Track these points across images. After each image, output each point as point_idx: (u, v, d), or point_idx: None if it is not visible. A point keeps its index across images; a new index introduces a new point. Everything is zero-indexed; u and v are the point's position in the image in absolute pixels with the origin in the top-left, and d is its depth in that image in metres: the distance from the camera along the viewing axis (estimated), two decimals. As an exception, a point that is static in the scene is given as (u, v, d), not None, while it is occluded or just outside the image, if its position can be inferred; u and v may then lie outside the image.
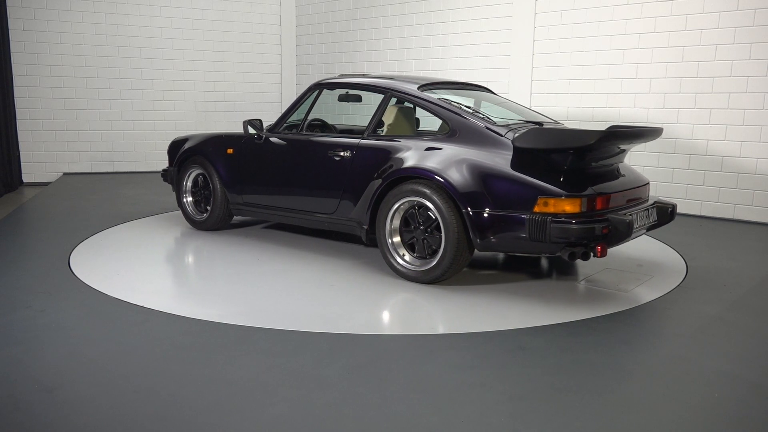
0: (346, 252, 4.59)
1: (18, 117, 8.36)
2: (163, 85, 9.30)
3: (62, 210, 6.24)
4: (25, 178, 8.53)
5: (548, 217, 3.33)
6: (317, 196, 4.39)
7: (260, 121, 4.85)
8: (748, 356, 2.85)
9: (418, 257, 3.86)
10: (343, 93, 5.07)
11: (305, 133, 4.64)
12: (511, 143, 3.59)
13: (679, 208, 6.18)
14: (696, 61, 6.04)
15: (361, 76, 4.69)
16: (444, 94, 4.29)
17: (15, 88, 8.31)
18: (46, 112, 8.62)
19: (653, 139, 3.94)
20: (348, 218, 4.22)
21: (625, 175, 3.91)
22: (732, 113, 5.90)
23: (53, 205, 6.57)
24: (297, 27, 10.04)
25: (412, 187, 3.76)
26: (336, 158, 4.26)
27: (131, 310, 3.31)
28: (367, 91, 4.66)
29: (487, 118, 3.95)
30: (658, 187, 6.37)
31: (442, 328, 3.19)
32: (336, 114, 8.42)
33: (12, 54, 8.21)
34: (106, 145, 9.06)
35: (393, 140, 4.08)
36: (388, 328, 3.26)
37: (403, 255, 3.91)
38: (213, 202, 5.08)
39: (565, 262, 4.31)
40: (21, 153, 8.41)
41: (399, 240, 3.94)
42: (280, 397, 2.36)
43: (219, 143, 5.08)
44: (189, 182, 5.31)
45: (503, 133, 3.71)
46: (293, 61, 10.14)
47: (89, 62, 8.79)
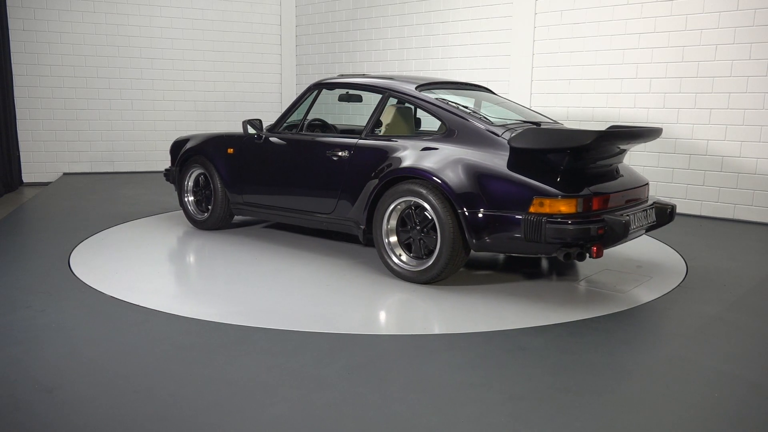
0: (345, 252, 4.59)
1: (18, 117, 8.36)
2: (163, 85, 9.30)
3: (62, 210, 6.24)
4: (25, 178, 8.53)
5: (543, 218, 3.32)
6: (316, 196, 4.39)
7: (260, 121, 4.86)
8: (748, 356, 2.85)
9: (415, 257, 3.85)
10: (343, 93, 5.07)
11: (304, 133, 4.65)
12: (507, 143, 3.59)
13: (679, 208, 6.18)
14: (696, 61, 6.04)
15: (361, 76, 4.69)
16: (443, 95, 4.29)
17: (15, 88, 8.30)
18: (46, 112, 8.62)
19: (652, 140, 3.93)
20: (346, 218, 4.22)
21: (624, 175, 3.89)
22: (732, 113, 5.90)
23: (53, 205, 6.57)
24: (297, 27, 10.04)
25: (409, 187, 3.76)
26: (334, 158, 4.26)
27: (131, 310, 3.31)
28: (365, 91, 4.67)
29: (485, 118, 3.94)
30: (658, 187, 6.37)
31: (441, 328, 3.19)
32: (336, 114, 8.42)
33: (12, 54, 8.21)
34: (106, 145, 9.06)
35: (390, 140, 4.08)
36: (388, 328, 3.26)
37: (400, 255, 3.91)
38: (214, 201, 5.09)
39: (564, 262, 4.30)
40: (21, 153, 8.41)
41: (396, 240, 3.93)
42: (280, 397, 2.36)
43: (220, 143, 5.09)
44: (190, 182, 5.33)
45: (500, 133, 3.70)
46: (293, 61, 10.14)
47: (89, 62, 8.79)
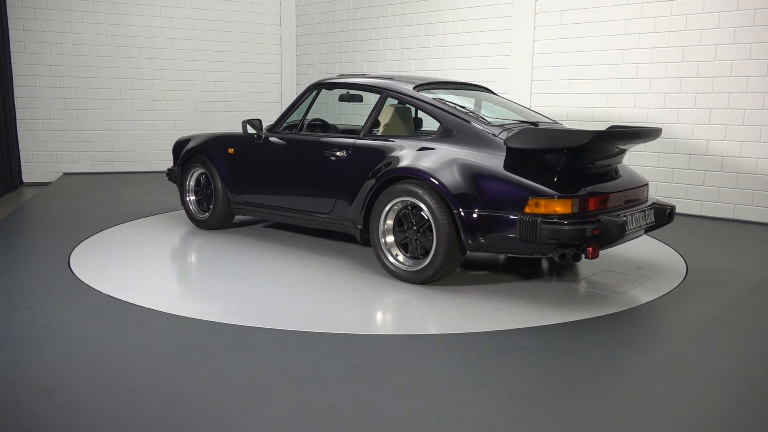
0: (345, 252, 4.59)
1: (18, 117, 8.36)
2: (163, 85, 9.30)
3: (62, 210, 6.24)
4: (25, 178, 8.53)
5: (539, 218, 3.31)
6: (314, 196, 4.39)
7: (260, 120, 4.87)
8: (748, 356, 2.85)
9: (411, 257, 3.85)
10: (342, 93, 5.08)
11: (303, 132, 4.65)
12: (504, 144, 3.58)
13: (679, 208, 6.19)
14: (696, 61, 6.04)
15: (360, 76, 4.69)
16: (442, 95, 4.29)
17: (15, 88, 8.31)
18: (46, 112, 8.62)
19: (651, 140, 3.91)
20: (344, 218, 4.22)
21: (623, 176, 3.88)
22: (732, 113, 5.90)
23: (53, 205, 6.57)
24: (297, 27, 10.05)
25: (405, 187, 3.76)
26: (332, 158, 4.26)
27: (131, 310, 3.31)
28: (364, 91, 4.67)
29: (482, 118, 3.94)
30: (658, 187, 6.37)
31: (441, 329, 3.19)
32: (336, 114, 8.43)
33: (12, 54, 8.21)
34: (106, 145, 9.06)
35: (388, 140, 4.08)
36: (388, 329, 3.26)
37: (396, 255, 3.91)
38: (214, 201, 5.11)
39: (563, 264, 4.29)
40: (21, 153, 8.41)
41: (392, 240, 3.93)
42: (280, 397, 2.36)
43: (220, 143, 5.10)
44: (192, 181, 5.36)
45: (497, 133, 3.69)
46: (293, 61, 10.14)
47: (89, 62, 8.79)
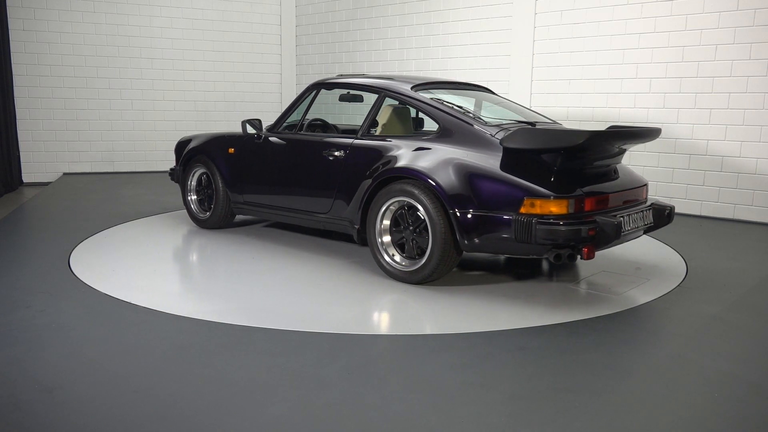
0: (344, 251, 4.59)
1: (18, 117, 8.36)
2: (163, 85, 9.30)
3: (62, 210, 6.24)
4: (25, 178, 8.53)
5: (534, 219, 3.30)
6: (313, 196, 4.40)
7: (259, 120, 4.89)
8: (748, 356, 2.85)
9: (407, 257, 3.85)
10: (342, 93, 5.08)
11: (302, 132, 4.66)
12: (500, 144, 3.57)
13: (679, 208, 6.19)
14: (696, 61, 6.04)
15: (360, 76, 4.70)
16: (441, 95, 4.28)
17: (15, 88, 8.31)
18: (46, 112, 8.62)
19: (650, 140, 3.89)
20: (341, 218, 4.23)
21: (622, 176, 3.86)
22: (732, 113, 5.90)
23: (53, 205, 6.57)
24: (297, 27, 10.05)
25: (401, 187, 3.76)
26: (330, 158, 4.27)
27: (131, 310, 3.31)
28: (362, 91, 4.68)
29: (479, 118, 3.93)
30: (658, 187, 6.37)
31: (441, 329, 3.18)
32: (336, 114, 8.43)
33: (12, 54, 8.21)
34: (106, 145, 9.06)
35: (385, 140, 4.08)
36: (388, 329, 3.26)
37: (393, 255, 3.90)
38: (215, 201, 5.13)
39: (561, 264, 4.29)
40: (21, 153, 8.41)
41: (389, 240, 3.93)
42: (280, 397, 2.36)
43: (221, 143, 5.11)
44: (193, 181, 5.38)
45: (494, 133, 3.69)
46: (293, 61, 10.14)
47: (89, 62, 8.79)
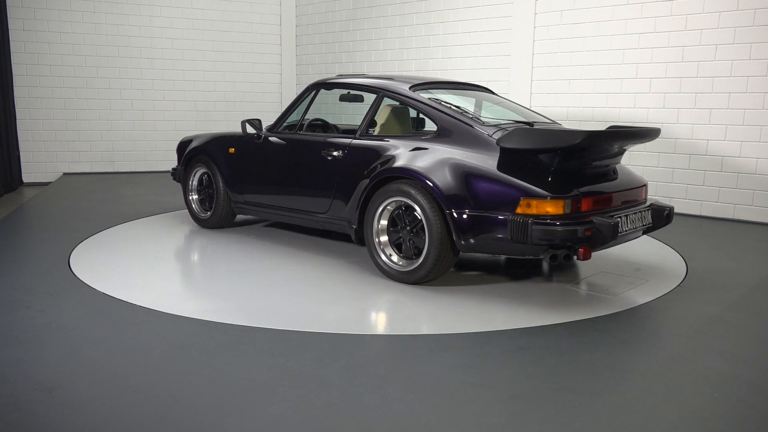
0: (344, 251, 4.59)
1: (18, 117, 8.36)
2: (163, 85, 9.30)
3: (62, 210, 6.24)
4: (25, 178, 8.53)
5: (530, 219, 3.28)
6: (311, 196, 4.41)
7: (259, 120, 4.89)
8: (748, 356, 2.85)
9: (404, 257, 3.85)
10: (343, 93, 5.08)
11: (301, 132, 4.66)
12: (496, 144, 3.56)
13: (679, 208, 6.19)
14: (696, 61, 6.04)
15: (359, 76, 4.70)
16: (440, 95, 4.28)
17: (15, 88, 8.31)
18: (46, 112, 8.62)
19: (649, 140, 3.88)
20: (340, 217, 4.23)
21: (621, 176, 3.85)
22: (732, 113, 5.90)
23: (53, 205, 6.57)
24: (297, 27, 10.05)
25: (398, 187, 3.75)
26: (329, 158, 4.27)
27: (131, 310, 3.31)
28: (361, 91, 4.68)
29: (476, 118, 3.92)
30: (658, 187, 6.37)
31: (441, 329, 3.18)
32: (336, 114, 8.43)
33: (12, 54, 8.21)
34: (106, 145, 9.06)
35: (383, 140, 4.09)
36: (388, 329, 3.26)
37: (390, 255, 3.90)
38: (216, 200, 5.15)
39: (560, 265, 4.28)
40: (21, 153, 8.41)
41: (386, 239, 3.93)
42: (280, 397, 2.36)
43: (222, 143, 5.13)
44: (195, 181, 5.41)
45: (491, 133, 3.68)
46: (293, 61, 10.14)
47: (89, 62, 8.79)
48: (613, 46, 6.54)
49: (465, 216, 3.48)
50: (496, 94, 4.91)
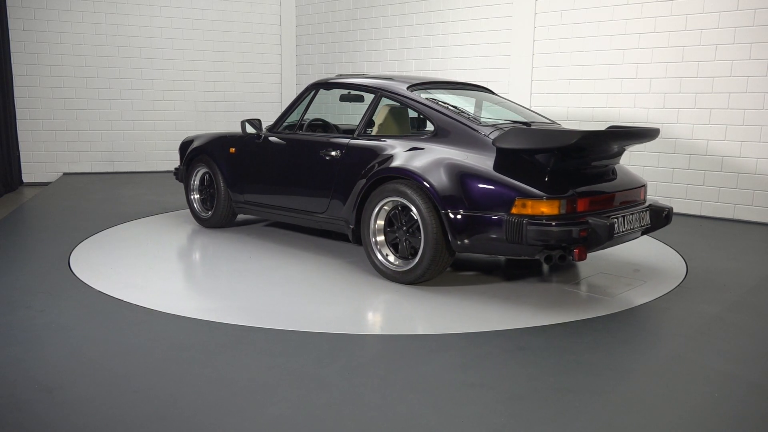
0: (344, 251, 4.59)
1: (18, 117, 8.36)
2: (163, 85, 9.30)
3: (62, 210, 6.24)
4: (25, 178, 8.53)
5: (525, 219, 3.27)
6: (310, 195, 4.41)
7: (259, 120, 4.90)
8: (748, 356, 2.85)
9: (401, 257, 3.85)
10: (343, 93, 5.09)
11: (301, 132, 4.67)
12: (492, 144, 3.55)
13: (679, 208, 6.19)
14: (696, 61, 6.04)
15: (358, 76, 4.70)
16: (438, 95, 4.28)
17: (15, 88, 8.31)
18: (46, 112, 8.63)
19: (648, 140, 3.86)
20: (338, 217, 4.23)
21: (619, 176, 3.84)
22: (732, 113, 5.90)
23: (53, 205, 6.57)
24: (297, 27, 10.05)
25: (395, 187, 3.75)
26: (327, 158, 4.28)
27: (131, 310, 3.31)
28: (359, 91, 4.69)
29: (474, 118, 3.92)
30: (658, 187, 6.37)
31: (441, 329, 3.18)
32: (336, 114, 8.43)
33: (12, 54, 8.21)
34: (106, 145, 9.06)
35: (380, 140, 4.09)
36: (388, 329, 3.26)
37: (387, 255, 3.90)
38: (216, 200, 5.16)
39: (561, 266, 4.29)
40: (21, 153, 8.42)
41: (383, 239, 3.93)
42: (280, 397, 2.36)
43: (223, 143, 5.14)
44: (196, 180, 5.43)
45: (488, 133, 3.67)
46: (293, 61, 10.14)
47: (89, 62, 8.79)
48: (613, 46, 6.54)
49: (460, 216, 3.47)
50: (496, 94, 4.91)
